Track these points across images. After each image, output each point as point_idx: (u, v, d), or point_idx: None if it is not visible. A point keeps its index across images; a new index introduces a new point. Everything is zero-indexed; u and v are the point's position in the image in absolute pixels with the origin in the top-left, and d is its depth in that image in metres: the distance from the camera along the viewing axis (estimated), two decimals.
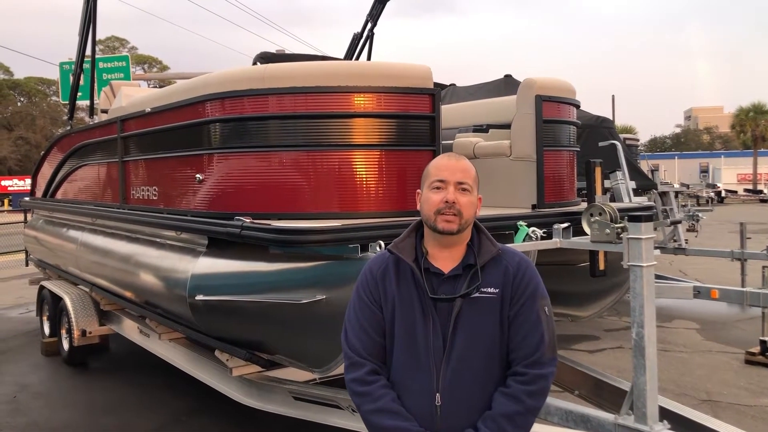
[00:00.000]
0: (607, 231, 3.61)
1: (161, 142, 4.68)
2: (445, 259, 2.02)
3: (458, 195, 1.97)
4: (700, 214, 11.01)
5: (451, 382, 1.94)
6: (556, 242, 3.94)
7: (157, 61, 52.26)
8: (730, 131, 58.35)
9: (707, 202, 29.37)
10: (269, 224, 3.54)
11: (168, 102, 4.52)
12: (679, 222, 10.16)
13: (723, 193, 40.59)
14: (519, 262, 2.03)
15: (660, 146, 66.52)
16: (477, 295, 1.96)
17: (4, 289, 12.33)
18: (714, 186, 40.40)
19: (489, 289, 1.97)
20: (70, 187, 6.87)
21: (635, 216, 3.31)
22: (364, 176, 3.74)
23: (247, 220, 3.61)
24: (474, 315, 1.96)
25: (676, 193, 11.62)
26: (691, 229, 11.24)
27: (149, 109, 4.77)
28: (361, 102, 3.74)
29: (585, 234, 3.86)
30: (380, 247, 3.19)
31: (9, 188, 41.46)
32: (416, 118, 3.84)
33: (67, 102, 8.24)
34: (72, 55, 7.81)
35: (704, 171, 48.98)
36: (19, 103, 52.68)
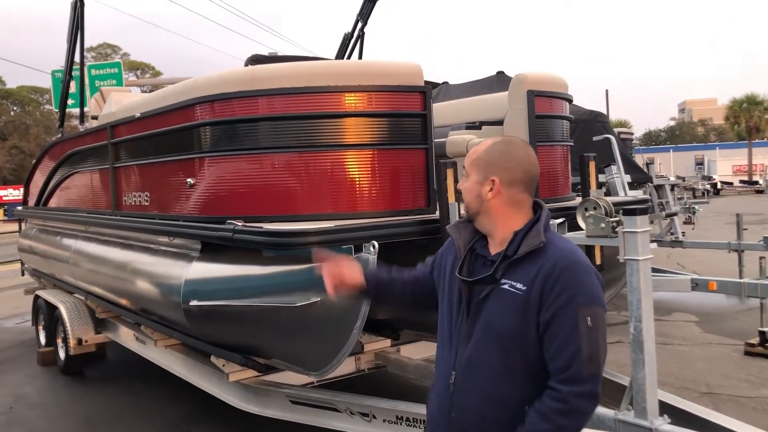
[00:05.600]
0: (602, 225, 3.57)
1: (151, 147, 4.64)
2: (493, 244, 2.05)
3: (462, 182, 2.08)
4: (696, 207, 11.00)
5: (465, 364, 1.96)
6: None
7: (149, 67, 52.13)
8: (724, 123, 58.52)
9: (703, 194, 29.44)
10: (261, 227, 3.50)
11: (157, 106, 4.48)
12: (676, 214, 10.15)
13: (719, 185, 40.66)
14: (557, 262, 1.87)
15: (655, 139, 66.71)
16: (506, 287, 1.91)
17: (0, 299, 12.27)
18: (710, 178, 40.48)
19: (517, 285, 1.90)
20: (62, 195, 6.83)
21: (630, 209, 3.28)
22: (356, 176, 3.71)
23: (240, 224, 3.57)
24: (496, 305, 1.93)
25: (672, 186, 11.63)
26: (688, 222, 11.25)
27: (139, 114, 4.73)
28: (352, 101, 3.70)
29: (580, 229, 3.84)
30: (374, 247, 3.16)
31: (4, 198, 41.31)
32: (408, 117, 3.81)
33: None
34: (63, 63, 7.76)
35: (699, 163, 49.14)
36: (12, 113, 52.55)
